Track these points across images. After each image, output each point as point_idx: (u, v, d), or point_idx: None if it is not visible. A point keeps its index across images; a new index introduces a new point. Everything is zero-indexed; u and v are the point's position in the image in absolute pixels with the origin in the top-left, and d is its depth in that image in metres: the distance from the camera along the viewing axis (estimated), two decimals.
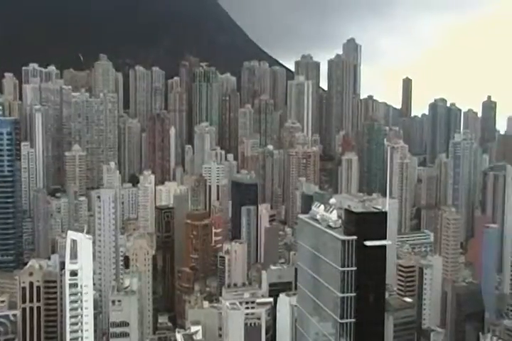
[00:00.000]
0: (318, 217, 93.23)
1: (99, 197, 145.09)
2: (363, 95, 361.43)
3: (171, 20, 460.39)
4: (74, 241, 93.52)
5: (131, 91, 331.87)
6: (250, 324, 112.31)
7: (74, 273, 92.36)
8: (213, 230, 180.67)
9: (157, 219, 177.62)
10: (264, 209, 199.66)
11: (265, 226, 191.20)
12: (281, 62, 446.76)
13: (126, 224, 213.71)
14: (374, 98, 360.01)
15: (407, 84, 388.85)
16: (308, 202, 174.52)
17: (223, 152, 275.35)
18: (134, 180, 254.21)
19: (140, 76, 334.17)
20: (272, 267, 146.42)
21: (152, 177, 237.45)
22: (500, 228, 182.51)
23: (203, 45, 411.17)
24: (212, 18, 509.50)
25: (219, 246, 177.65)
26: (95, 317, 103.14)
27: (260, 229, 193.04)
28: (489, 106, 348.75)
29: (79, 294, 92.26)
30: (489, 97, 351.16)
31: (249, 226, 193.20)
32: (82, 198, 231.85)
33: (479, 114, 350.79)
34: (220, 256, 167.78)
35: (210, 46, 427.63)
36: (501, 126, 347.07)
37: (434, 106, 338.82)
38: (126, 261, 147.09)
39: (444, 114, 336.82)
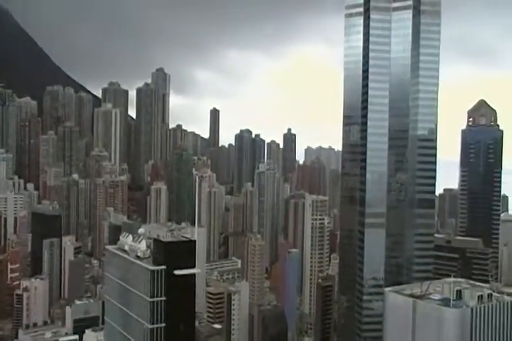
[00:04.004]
0: (126, 247, 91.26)
1: None
2: (172, 124, 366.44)
3: None
4: None
5: None
6: None
7: None
8: (9, 266, 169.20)
9: None
10: (68, 241, 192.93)
11: (70, 259, 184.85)
12: (87, 88, 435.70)
13: None
14: (183, 127, 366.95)
15: (214, 114, 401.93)
16: (116, 232, 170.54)
17: (22, 181, 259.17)
18: None
19: None
20: (77, 302, 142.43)
21: None
22: (301, 252, 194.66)
23: None
24: (11, 38, 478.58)
25: (16, 283, 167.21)
26: None
27: (64, 262, 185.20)
28: (289, 138, 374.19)
29: None
30: (289, 130, 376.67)
31: (52, 259, 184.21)
32: None
33: (281, 145, 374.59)
34: (17, 294, 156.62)
35: (8, 68, 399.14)
36: (300, 157, 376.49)
37: (240, 137, 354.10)
38: None
39: (249, 145, 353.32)
